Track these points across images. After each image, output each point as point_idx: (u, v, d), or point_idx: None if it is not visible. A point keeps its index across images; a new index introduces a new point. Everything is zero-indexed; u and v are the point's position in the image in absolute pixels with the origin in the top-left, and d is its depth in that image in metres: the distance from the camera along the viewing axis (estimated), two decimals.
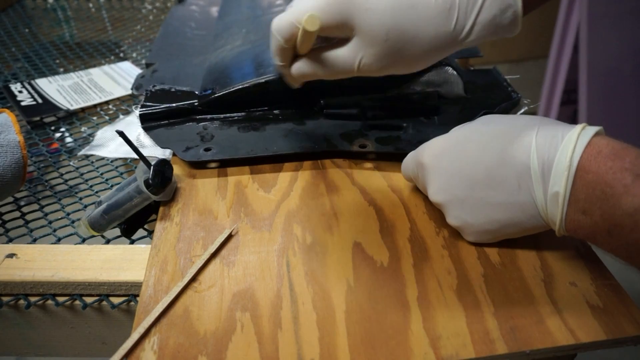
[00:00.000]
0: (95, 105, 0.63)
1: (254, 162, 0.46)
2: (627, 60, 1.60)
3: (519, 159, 0.31)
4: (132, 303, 0.38)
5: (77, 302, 0.38)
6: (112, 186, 0.49)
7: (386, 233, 0.38)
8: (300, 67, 0.37)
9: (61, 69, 0.73)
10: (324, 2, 0.33)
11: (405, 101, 0.51)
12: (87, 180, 0.51)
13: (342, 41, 0.35)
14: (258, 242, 0.38)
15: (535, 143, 0.31)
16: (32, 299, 0.38)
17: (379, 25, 0.33)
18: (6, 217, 0.47)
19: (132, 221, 0.42)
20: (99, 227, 0.41)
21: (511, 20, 0.33)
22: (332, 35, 0.35)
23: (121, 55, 0.78)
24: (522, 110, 0.51)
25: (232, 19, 0.67)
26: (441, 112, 0.51)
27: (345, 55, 0.35)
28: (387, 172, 0.45)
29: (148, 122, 0.50)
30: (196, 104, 0.51)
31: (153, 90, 0.53)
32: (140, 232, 0.43)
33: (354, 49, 0.34)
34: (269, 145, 0.46)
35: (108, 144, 0.53)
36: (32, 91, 0.65)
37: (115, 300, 0.38)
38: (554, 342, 0.30)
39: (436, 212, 0.40)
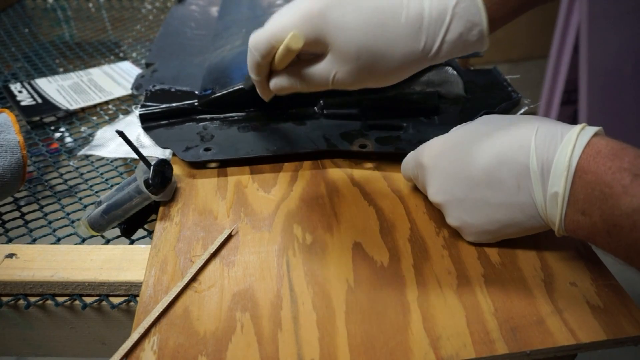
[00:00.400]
0: (95, 105, 0.63)
1: (254, 162, 0.46)
2: (627, 60, 1.60)
3: (518, 159, 0.31)
4: (132, 303, 0.38)
5: (77, 302, 0.38)
6: (112, 186, 0.49)
7: (386, 233, 0.38)
8: (278, 82, 0.38)
9: (61, 69, 0.73)
10: (300, 20, 0.34)
11: (405, 101, 0.51)
12: (87, 180, 0.51)
13: (317, 57, 0.36)
14: (258, 242, 0.38)
15: (535, 143, 0.31)
16: (32, 299, 0.38)
17: (350, 44, 0.34)
18: (6, 217, 0.47)
19: (132, 221, 0.42)
20: (98, 227, 0.41)
21: (478, 38, 0.34)
22: (307, 51, 0.36)
23: (121, 55, 0.78)
24: (522, 110, 0.51)
25: (231, 19, 0.67)
26: (441, 112, 0.51)
27: (321, 71, 0.36)
28: (387, 172, 0.45)
29: (148, 122, 0.50)
30: (196, 103, 0.51)
31: (153, 90, 0.53)
32: (140, 232, 0.43)
33: (328, 65, 0.35)
34: (269, 145, 0.46)
35: (108, 144, 0.53)
36: (31, 91, 0.65)
37: (115, 301, 0.37)
38: (555, 343, 0.30)
39: (436, 212, 0.40)
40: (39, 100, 0.63)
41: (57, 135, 0.58)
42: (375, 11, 0.34)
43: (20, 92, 0.65)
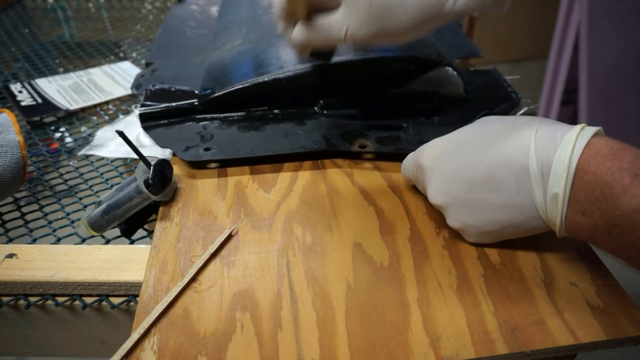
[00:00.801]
0: (95, 105, 0.63)
1: (254, 162, 0.46)
2: (627, 60, 1.60)
3: (517, 160, 0.31)
4: (132, 303, 0.38)
5: (77, 302, 0.38)
6: (112, 186, 0.49)
7: (386, 233, 0.38)
8: (297, 33, 0.39)
9: (61, 69, 0.73)
10: None
11: (405, 101, 0.51)
12: (87, 180, 0.51)
13: (332, 10, 0.37)
14: (258, 242, 0.38)
15: (534, 144, 0.31)
16: (32, 299, 0.38)
17: None
18: (6, 217, 0.47)
19: (132, 221, 0.42)
20: (98, 227, 0.41)
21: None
22: (321, 3, 0.37)
23: (121, 55, 0.78)
24: (522, 111, 0.51)
25: (232, 19, 0.67)
26: (441, 113, 0.51)
27: (334, 23, 0.36)
28: (387, 172, 0.45)
29: (147, 121, 0.50)
30: (196, 103, 0.51)
31: (153, 89, 0.53)
32: (140, 232, 0.43)
33: (341, 17, 0.36)
34: (269, 145, 0.46)
35: (108, 144, 0.53)
36: (32, 91, 0.65)
37: (115, 301, 0.37)
38: (554, 343, 0.30)
39: (436, 212, 0.40)
40: (39, 100, 0.63)
41: (57, 135, 0.58)
42: None
43: (20, 92, 0.65)
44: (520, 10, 2.01)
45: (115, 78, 0.69)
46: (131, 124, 0.54)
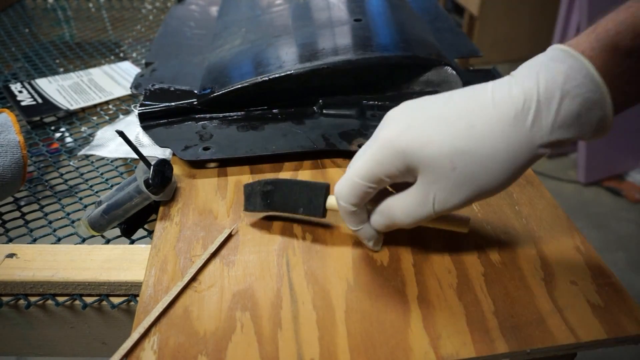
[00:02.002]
0: (95, 105, 0.63)
1: (253, 162, 0.46)
2: None
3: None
4: (132, 303, 0.38)
5: (77, 302, 0.38)
6: (112, 186, 0.49)
7: (386, 233, 0.38)
8: (379, 222, 0.34)
9: (61, 69, 0.73)
10: (378, 152, 0.31)
11: (405, 101, 0.51)
12: (87, 180, 0.51)
13: (407, 186, 0.32)
14: (258, 241, 0.38)
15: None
16: (32, 299, 0.38)
17: (441, 156, 0.29)
18: (6, 217, 0.47)
19: (132, 221, 0.42)
20: (99, 227, 0.41)
21: (600, 118, 0.28)
22: (396, 181, 0.32)
23: (121, 55, 0.78)
24: None
25: (231, 19, 0.67)
26: None
27: (417, 198, 0.31)
28: None
29: (147, 121, 0.50)
30: (195, 103, 0.51)
31: (152, 89, 0.53)
32: (140, 232, 0.43)
33: (423, 189, 0.30)
34: (268, 145, 0.46)
35: (108, 144, 0.53)
36: (32, 91, 0.65)
37: (115, 300, 0.37)
38: (555, 341, 0.30)
39: None
40: (39, 100, 0.63)
41: (58, 135, 0.58)
42: (460, 115, 0.29)
43: (20, 92, 0.65)
44: (520, 10, 2.01)
45: (115, 78, 0.69)
46: (131, 124, 0.54)
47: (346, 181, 0.33)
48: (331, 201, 0.36)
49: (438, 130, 0.29)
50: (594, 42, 0.28)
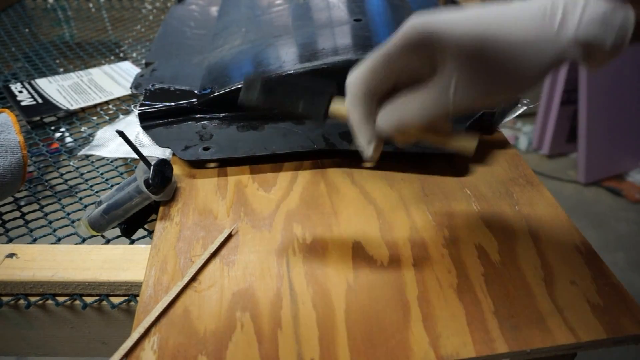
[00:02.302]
0: (95, 105, 0.63)
1: (253, 162, 0.46)
2: (627, 60, 1.59)
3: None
4: (132, 303, 0.38)
5: (77, 302, 0.38)
6: (112, 186, 0.49)
7: (386, 233, 0.38)
8: (387, 119, 0.31)
9: (61, 69, 0.73)
10: (407, 36, 0.29)
11: None
12: (87, 180, 0.51)
13: (424, 79, 0.30)
14: (258, 241, 0.38)
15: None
16: (32, 299, 0.38)
17: (469, 37, 0.27)
18: (6, 217, 0.47)
19: (132, 221, 0.42)
20: (99, 227, 0.41)
21: (623, 20, 0.27)
22: (414, 72, 0.30)
23: (121, 55, 0.78)
24: (522, 110, 0.51)
25: (231, 19, 0.67)
26: None
27: (435, 89, 0.29)
28: (387, 171, 0.45)
29: (147, 121, 0.50)
30: (195, 102, 0.51)
31: (152, 89, 0.53)
32: (140, 232, 0.43)
33: (444, 78, 0.28)
34: (268, 145, 0.46)
35: (108, 143, 0.53)
36: (32, 91, 0.65)
37: (115, 300, 0.37)
38: (555, 341, 0.30)
39: (437, 212, 0.40)
40: (39, 100, 0.63)
41: (58, 135, 0.58)
42: (490, 7, 0.28)
43: (20, 92, 0.65)
44: None
45: (115, 78, 0.69)
46: (131, 124, 0.54)
47: (364, 64, 0.30)
48: (336, 107, 0.33)
49: (469, 14, 0.28)
50: None
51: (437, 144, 0.33)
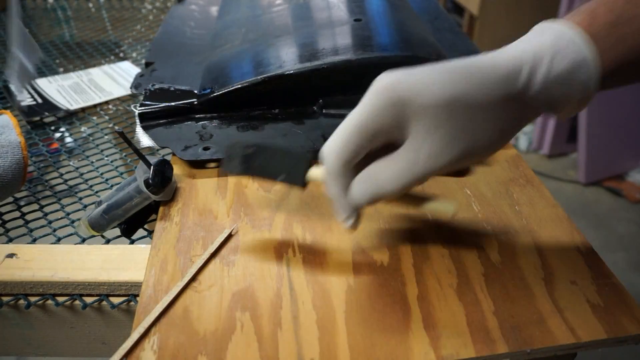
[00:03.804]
0: (95, 105, 0.63)
1: None
2: None
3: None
4: (132, 303, 0.37)
5: (77, 302, 0.38)
6: (112, 186, 0.49)
7: (386, 233, 0.38)
8: (362, 188, 0.31)
9: (61, 69, 0.73)
10: (375, 102, 0.29)
11: None
12: (87, 180, 0.51)
13: (396, 146, 0.30)
14: (258, 241, 0.38)
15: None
16: (32, 299, 0.38)
17: (437, 103, 0.28)
18: (6, 217, 0.47)
19: (132, 221, 0.42)
20: (99, 227, 0.41)
21: (587, 76, 0.29)
22: (387, 140, 0.30)
23: (121, 55, 0.78)
24: None
25: (231, 19, 0.67)
26: None
27: (406, 158, 0.29)
28: None
29: (147, 120, 0.50)
30: (195, 102, 0.51)
31: (152, 89, 0.53)
32: (140, 232, 0.43)
33: (415, 143, 0.29)
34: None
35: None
36: (32, 91, 0.65)
37: (115, 300, 0.37)
38: (555, 341, 0.30)
39: None
40: (39, 100, 0.63)
41: (57, 135, 0.58)
42: (457, 67, 0.29)
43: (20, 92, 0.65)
44: (520, 10, 2.01)
45: (115, 78, 0.69)
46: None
47: (337, 135, 0.30)
48: (314, 173, 0.34)
49: (436, 77, 0.28)
50: (574, 17, 0.30)
51: (415, 207, 0.33)
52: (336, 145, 0.30)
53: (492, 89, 0.28)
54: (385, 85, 0.29)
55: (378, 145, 0.30)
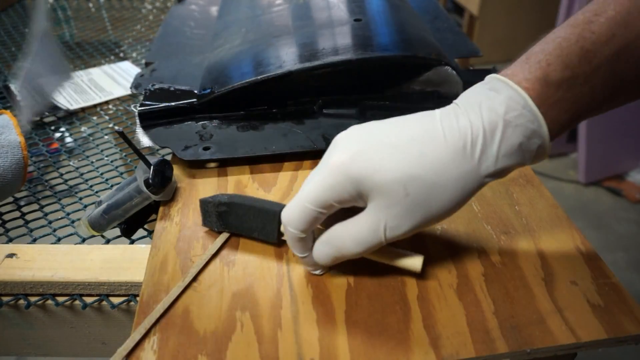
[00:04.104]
0: (95, 105, 0.63)
1: (253, 162, 0.46)
2: None
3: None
4: (132, 303, 0.38)
5: (77, 302, 0.38)
6: (112, 186, 0.49)
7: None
8: (323, 252, 0.32)
9: None
10: (330, 175, 0.30)
11: (405, 101, 0.51)
12: (87, 180, 0.51)
13: (356, 212, 0.31)
14: (258, 241, 0.38)
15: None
16: (32, 299, 0.38)
17: (393, 182, 0.29)
18: (6, 217, 0.47)
19: (132, 221, 0.42)
20: (99, 227, 0.41)
21: (540, 145, 0.30)
22: (346, 206, 0.31)
23: (121, 55, 0.78)
24: None
25: (231, 18, 0.67)
26: None
27: (368, 224, 0.30)
28: None
29: (147, 120, 0.50)
30: (195, 102, 0.51)
31: (152, 89, 0.53)
32: (140, 232, 0.43)
33: (374, 215, 0.30)
34: (268, 145, 0.46)
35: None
36: (32, 92, 0.65)
37: (115, 300, 0.37)
38: (555, 341, 0.30)
39: None
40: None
41: (57, 135, 0.58)
42: (411, 142, 0.30)
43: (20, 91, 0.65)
44: (520, 10, 2.01)
45: (115, 78, 0.69)
46: None
47: (295, 206, 0.31)
48: None
49: (390, 156, 0.29)
50: (527, 73, 0.30)
51: (381, 262, 0.34)
52: (293, 215, 0.31)
53: (445, 170, 0.29)
54: (341, 163, 0.30)
55: (337, 207, 0.31)
